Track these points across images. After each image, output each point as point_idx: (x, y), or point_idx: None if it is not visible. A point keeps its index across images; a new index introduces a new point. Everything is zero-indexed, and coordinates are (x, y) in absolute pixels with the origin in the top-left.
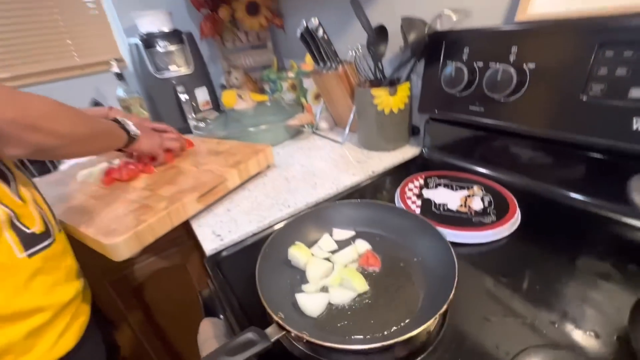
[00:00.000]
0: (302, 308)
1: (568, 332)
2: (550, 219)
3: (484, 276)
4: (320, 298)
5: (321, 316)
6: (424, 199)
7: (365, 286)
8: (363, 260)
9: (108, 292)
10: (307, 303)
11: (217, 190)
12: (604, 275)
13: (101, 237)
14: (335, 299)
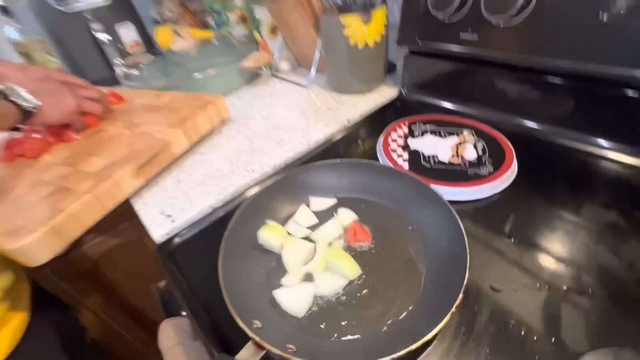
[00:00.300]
0: (284, 308)
1: (586, 288)
2: (550, 165)
3: (486, 237)
4: (305, 292)
5: (309, 313)
6: (411, 150)
7: (356, 270)
8: (350, 235)
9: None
10: (290, 301)
11: (161, 158)
12: (612, 227)
13: (2, 239)
14: (322, 289)
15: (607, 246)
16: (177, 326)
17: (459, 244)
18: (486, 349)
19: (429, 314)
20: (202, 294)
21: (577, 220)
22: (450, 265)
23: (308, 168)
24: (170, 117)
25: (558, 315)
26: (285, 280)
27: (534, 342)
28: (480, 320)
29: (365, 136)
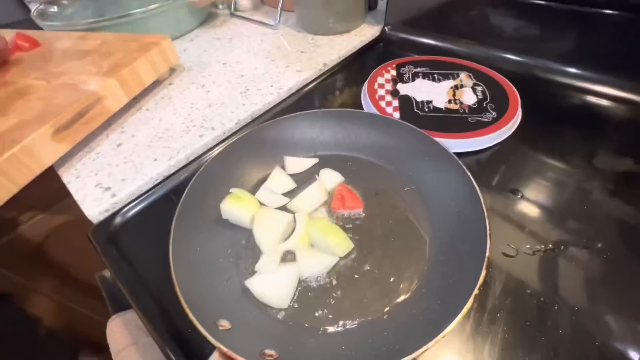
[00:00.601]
0: (262, 300)
1: (607, 246)
2: (556, 108)
3: (492, 194)
4: (286, 276)
5: (292, 303)
6: (402, 96)
7: (347, 244)
8: (336, 201)
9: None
10: (268, 291)
11: (91, 116)
12: (627, 175)
13: None
14: (306, 271)
15: (624, 197)
16: (128, 322)
17: (472, 206)
18: (503, 326)
19: (440, 292)
20: (154, 286)
21: (590, 169)
22: (461, 231)
23: (280, 121)
24: (101, 64)
25: (579, 279)
26: (260, 265)
27: (556, 312)
28: (493, 293)
29: (345, 83)
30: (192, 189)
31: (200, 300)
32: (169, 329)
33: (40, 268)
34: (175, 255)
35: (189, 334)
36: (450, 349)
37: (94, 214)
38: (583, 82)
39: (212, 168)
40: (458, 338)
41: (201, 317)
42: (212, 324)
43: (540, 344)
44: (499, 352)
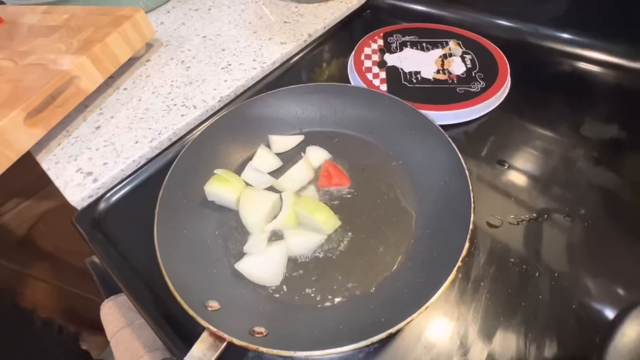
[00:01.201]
0: (254, 280)
1: (590, 214)
2: (545, 76)
3: (478, 166)
4: (276, 256)
5: (280, 281)
6: (389, 67)
7: (334, 222)
8: (323, 178)
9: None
10: (259, 271)
11: (65, 98)
12: (613, 142)
13: None
14: (295, 250)
15: (608, 165)
16: (121, 305)
17: (457, 180)
18: (486, 294)
19: (425, 265)
20: (143, 269)
21: (576, 138)
22: (446, 204)
23: (264, 98)
24: (71, 41)
25: (560, 246)
26: (248, 246)
27: (537, 279)
28: (478, 263)
29: (332, 54)
30: (175, 172)
31: (188, 283)
32: (161, 311)
33: (32, 254)
34: (161, 239)
35: (180, 314)
36: (434, 318)
37: (77, 200)
38: (574, 48)
39: (194, 149)
40: (443, 307)
41: (189, 299)
42: (201, 305)
43: (521, 309)
44: (482, 319)
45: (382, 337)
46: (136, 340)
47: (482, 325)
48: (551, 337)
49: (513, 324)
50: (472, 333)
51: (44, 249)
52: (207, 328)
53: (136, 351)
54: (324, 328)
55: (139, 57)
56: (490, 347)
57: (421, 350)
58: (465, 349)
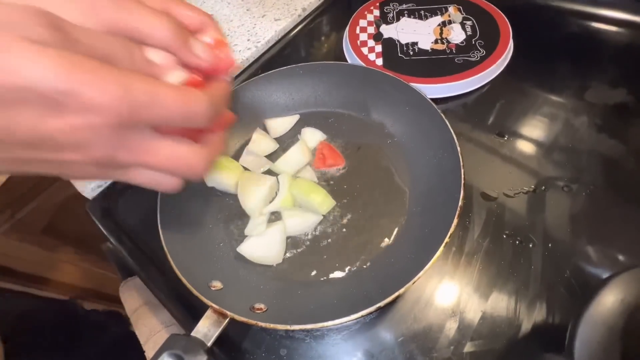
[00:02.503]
0: (256, 260)
1: (588, 184)
2: (549, 38)
3: (476, 138)
4: (275, 236)
5: (283, 260)
6: (385, 40)
7: (329, 202)
8: (318, 159)
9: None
10: (261, 252)
11: None
12: (618, 107)
13: None
14: (292, 230)
15: (612, 132)
16: (138, 285)
17: (450, 156)
18: (479, 267)
19: (416, 241)
20: (154, 252)
21: (580, 104)
22: (439, 181)
23: (257, 81)
24: None
25: (558, 217)
26: (249, 229)
27: (531, 250)
28: (471, 236)
29: (329, 28)
30: None
31: (192, 265)
32: (171, 291)
33: (58, 240)
34: (164, 226)
35: (189, 294)
36: (427, 290)
37: (87, 191)
38: (584, 6)
39: None
40: (436, 280)
41: (194, 280)
42: (205, 286)
43: (512, 280)
44: (474, 291)
45: (371, 311)
46: (153, 317)
47: (473, 296)
48: (541, 304)
49: (504, 293)
50: (464, 303)
51: (67, 235)
52: (211, 306)
53: (154, 326)
54: (319, 303)
55: None
56: (481, 315)
57: (413, 320)
58: (456, 317)
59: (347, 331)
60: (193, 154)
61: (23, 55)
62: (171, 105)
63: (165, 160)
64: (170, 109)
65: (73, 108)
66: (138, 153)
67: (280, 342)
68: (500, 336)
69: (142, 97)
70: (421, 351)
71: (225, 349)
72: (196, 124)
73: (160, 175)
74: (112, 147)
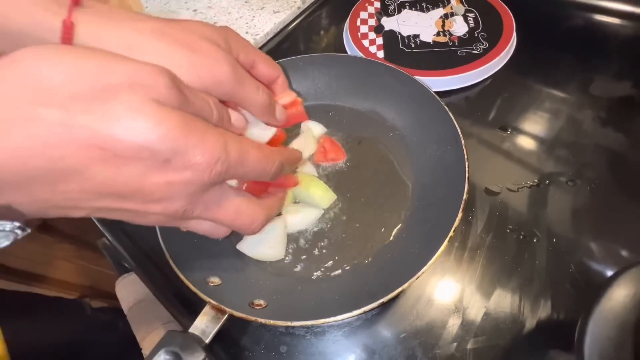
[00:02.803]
0: (257, 258)
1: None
2: (554, 30)
3: (479, 132)
4: (275, 232)
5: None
6: (386, 32)
7: (330, 197)
8: (319, 154)
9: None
10: (261, 249)
11: None
12: (624, 100)
13: None
14: (293, 226)
15: (616, 125)
16: (135, 282)
17: (454, 149)
18: (482, 262)
19: (419, 236)
20: (151, 248)
21: (584, 98)
22: (442, 175)
23: None
24: None
25: (562, 211)
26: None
27: (535, 244)
28: (475, 231)
29: (329, 20)
30: None
31: (190, 260)
32: (169, 287)
33: (56, 236)
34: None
35: (187, 290)
36: (430, 286)
37: None
38: None
39: None
40: (438, 276)
41: (191, 275)
42: (203, 281)
43: (516, 275)
44: (477, 287)
45: (373, 307)
46: (150, 313)
47: (476, 292)
48: (546, 300)
49: (508, 289)
50: (467, 299)
51: (64, 231)
52: (209, 302)
53: (151, 323)
54: (320, 299)
55: None
56: (484, 311)
57: (416, 317)
58: (459, 314)
59: (348, 327)
60: (254, 211)
61: (148, 116)
62: (255, 164)
63: (231, 215)
64: (253, 167)
65: (177, 166)
66: (212, 208)
67: (280, 339)
68: (504, 332)
69: (235, 156)
70: (424, 348)
71: (223, 345)
72: (264, 179)
73: (217, 226)
74: (192, 201)
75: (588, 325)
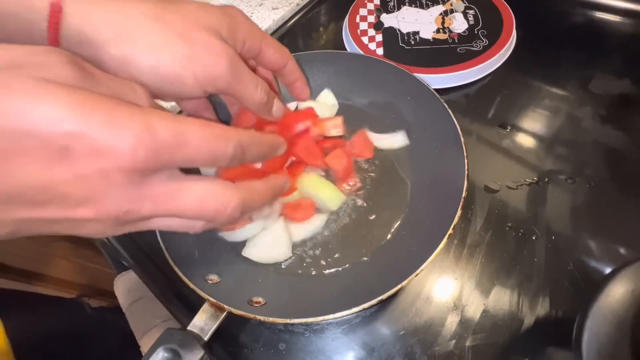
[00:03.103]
0: (266, 262)
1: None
2: (553, 27)
3: (479, 129)
4: (277, 232)
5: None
6: (386, 29)
7: (339, 196)
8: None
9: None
10: (267, 253)
11: None
12: (623, 97)
13: None
14: (299, 235)
15: (616, 123)
16: (133, 279)
17: (453, 147)
18: (481, 259)
19: (418, 234)
20: (149, 246)
21: (584, 95)
22: (441, 172)
23: None
24: None
25: (561, 209)
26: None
27: (534, 242)
28: (474, 229)
29: (328, 17)
30: None
31: (188, 257)
32: (167, 285)
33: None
34: None
35: (185, 287)
36: (429, 283)
37: None
38: None
39: None
40: (437, 273)
41: (190, 273)
42: (202, 279)
43: (515, 273)
44: (476, 284)
45: (372, 304)
46: (149, 311)
47: (476, 289)
48: (544, 297)
49: (507, 287)
50: (466, 297)
51: None
52: (207, 300)
53: (150, 321)
54: (319, 296)
55: None
56: (483, 308)
57: (415, 314)
58: (458, 311)
59: (347, 325)
60: (224, 194)
61: (26, 95)
62: (201, 146)
63: (195, 205)
64: (198, 149)
65: (81, 153)
66: (165, 202)
67: (279, 336)
68: (503, 330)
69: (167, 137)
70: (422, 345)
71: (222, 343)
72: (223, 164)
73: (188, 220)
74: (129, 199)
75: (586, 323)
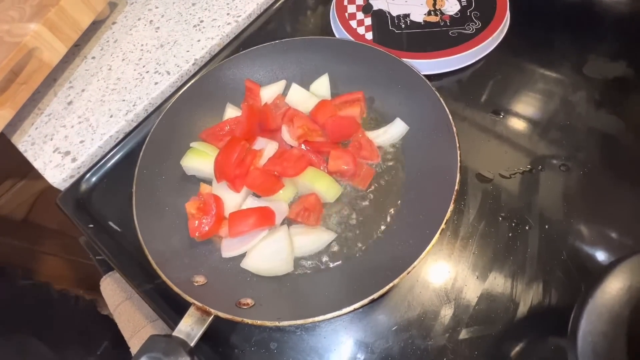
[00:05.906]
0: (266, 275)
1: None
2: (548, 9)
3: (471, 116)
4: (280, 243)
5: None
6: (375, 12)
7: (335, 188)
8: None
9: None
10: (267, 265)
11: (28, 73)
12: (618, 81)
13: None
14: (302, 250)
15: (611, 108)
16: (119, 280)
17: (445, 137)
18: (474, 251)
19: (410, 229)
20: (132, 246)
21: (578, 79)
22: (433, 165)
23: (238, 58)
24: (23, 7)
25: (555, 197)
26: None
27: (527, 232)
28: (467, 219)
29: (312, 2)
30: (149, 149)
31: (173, 259)
32: (153, 285)
33: (39, 231)
34: (141, 219)
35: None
36: (421, 278)
37: (58, 182)
38: None
39: (166, 123)
40: (430, 266)
41: (175, 275)
42: (188, 281)
43: (508, 264)
44: (469, 276)
45: (364, 304)
46: (137, 312)
47: (469, 281)
48: (537, 288)
49: (500, 278)
50: (459, 289)
51: (49, 226)
52: (193, 303)
53: (138, 322)
54: (310, 296)
55: (104, 19)
56: (477, 300)
57: (407, 308)
58: (451, 304)
59: (339, 322)
60: None
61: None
62: None
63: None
64: None
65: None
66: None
67: (271, 335)
68: (497, 322)
69: None
70: (416, 339)
71: (211, 344)
72: None
73: None
74: None
75: (581, 319)
